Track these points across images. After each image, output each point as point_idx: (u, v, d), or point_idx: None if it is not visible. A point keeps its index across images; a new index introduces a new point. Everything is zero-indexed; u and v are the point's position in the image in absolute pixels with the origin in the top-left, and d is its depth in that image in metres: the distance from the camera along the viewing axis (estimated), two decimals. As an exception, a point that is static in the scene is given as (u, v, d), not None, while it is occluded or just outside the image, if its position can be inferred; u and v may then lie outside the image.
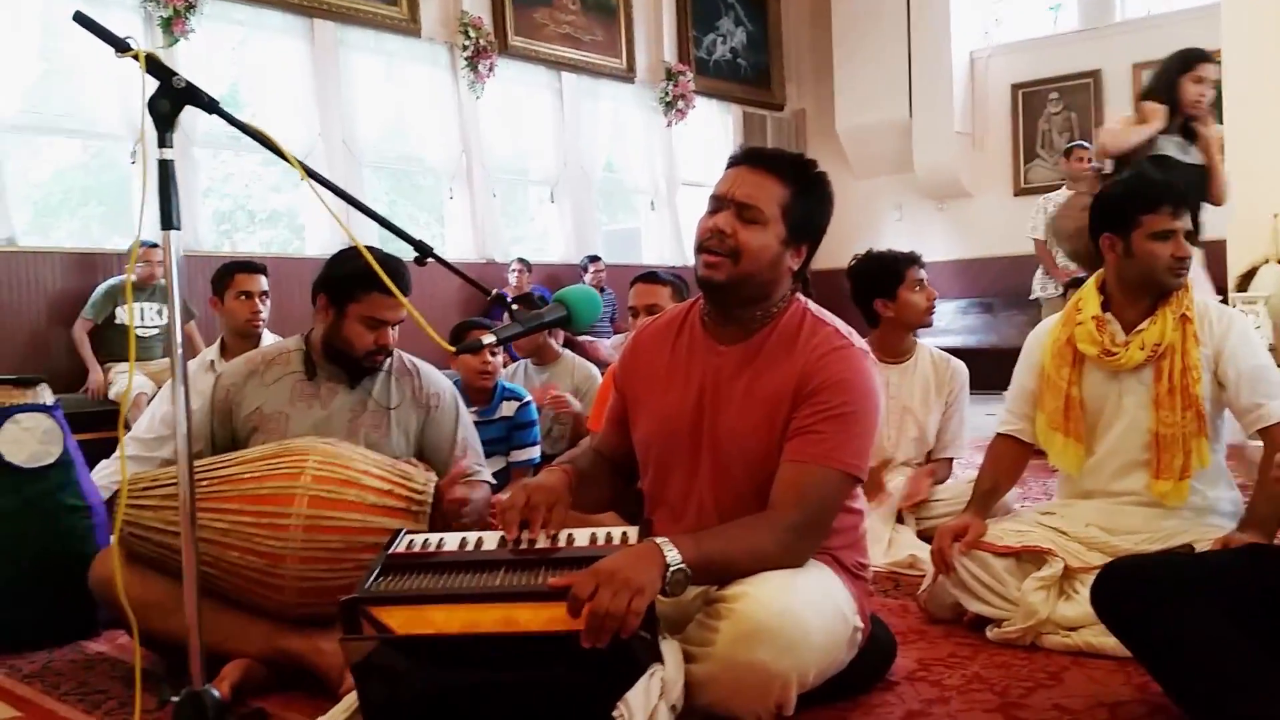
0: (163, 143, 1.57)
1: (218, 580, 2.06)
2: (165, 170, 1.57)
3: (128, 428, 3.42)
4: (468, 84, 7.25)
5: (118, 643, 2.44)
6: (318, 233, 6.57)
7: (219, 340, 3.56)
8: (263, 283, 3.59)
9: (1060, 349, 2.30)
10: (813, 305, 1.87)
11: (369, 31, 6.82)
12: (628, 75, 8.41)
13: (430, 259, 1.67)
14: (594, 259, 7.53)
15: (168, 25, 5.66)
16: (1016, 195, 8.62)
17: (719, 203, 1.79)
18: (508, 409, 3.50)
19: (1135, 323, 2.24)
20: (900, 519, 2.97)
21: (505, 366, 3.89)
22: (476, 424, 3.40)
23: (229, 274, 3.57)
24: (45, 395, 2.54)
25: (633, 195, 9.06)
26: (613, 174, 8.79)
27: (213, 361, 3.41)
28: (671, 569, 1.52)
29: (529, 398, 3.57)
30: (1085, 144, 6.72)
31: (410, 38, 7.02)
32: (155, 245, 5.40)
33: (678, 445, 1.84)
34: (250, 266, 3.63)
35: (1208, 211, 3.86)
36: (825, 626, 1.60)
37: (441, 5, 7.19)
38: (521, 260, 7.11)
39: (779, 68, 9.68)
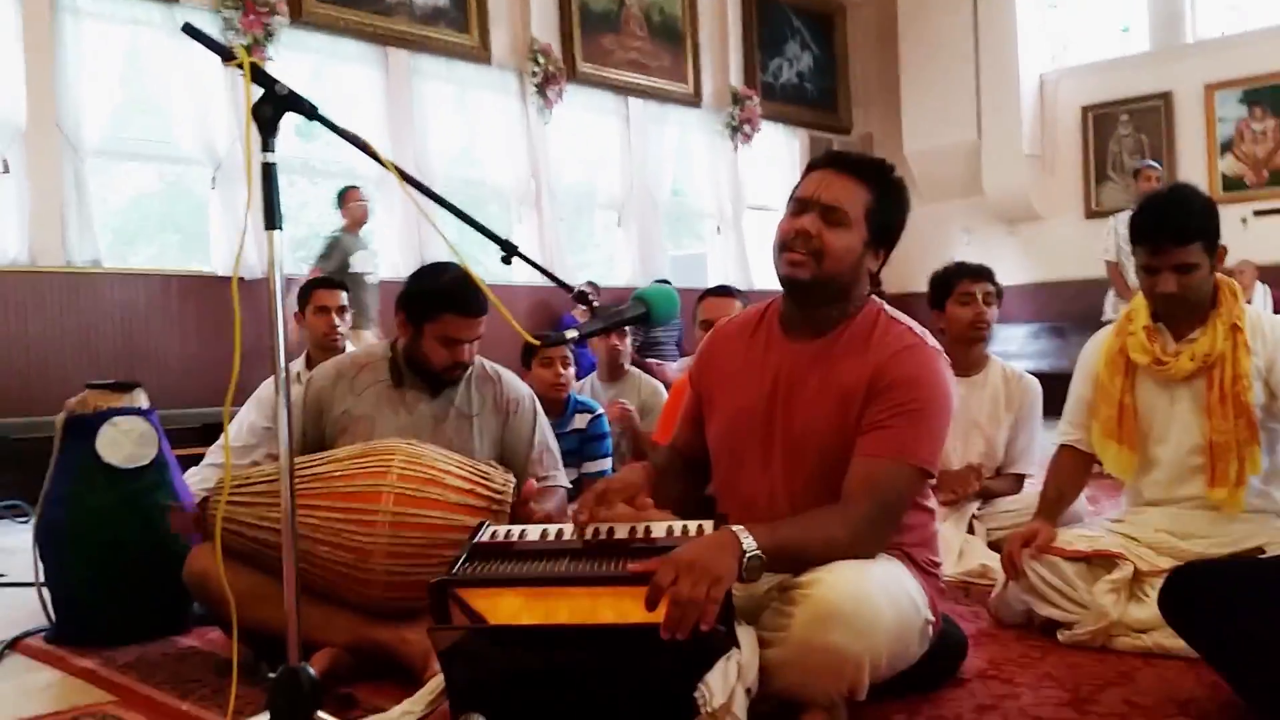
0: (266, 147, 1.64)
1: (307, 574, 2.13)
2: (269, 173, 1.65)
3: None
4: (536, 110, 7.41)
5: (208, 637, 2.52)
6: (388, 256, 6.75)
7: (304, 354, 3.71)
8: (341, 298, 3.74)
9: (1113, 358, 2.34)
10: (888, 306, 1.90)
11: (441, 59, 7.02)
12: (694, 100, 8.52)
13: (515, 256, 1.73)
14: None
15: (247, 52, 5.90)
16: (1088, 218, 8.53)
17: (803, 205, 1.83)
18: (580, 421, 3.56)
19: (1186, 333, 2.26)
20: (971, 529, 2.96)
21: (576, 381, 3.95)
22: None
23: (309, 291, 3.76)
24: (141, 399, 2.65)
25: (698, 220, 9.13)
26: (679, 198, 8.88)
27: (299, 374, 3.52)
28: (748, 555, 1.56)
29: (601, 410, 3.62)
30: (1154, 164, 6.67)
31: (481, 65, 7.21)
32: (357, 187, 5.68)
33: (751, 438, 1.87)
34: (328, 283, 3.81)
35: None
36: (897, 613, 1.63)
37: (512, 33, 7.38)
38: (591, 283, 7.20)
39: (845, 91, 9.71)
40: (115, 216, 7.36)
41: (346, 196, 6.18)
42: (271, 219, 1.66)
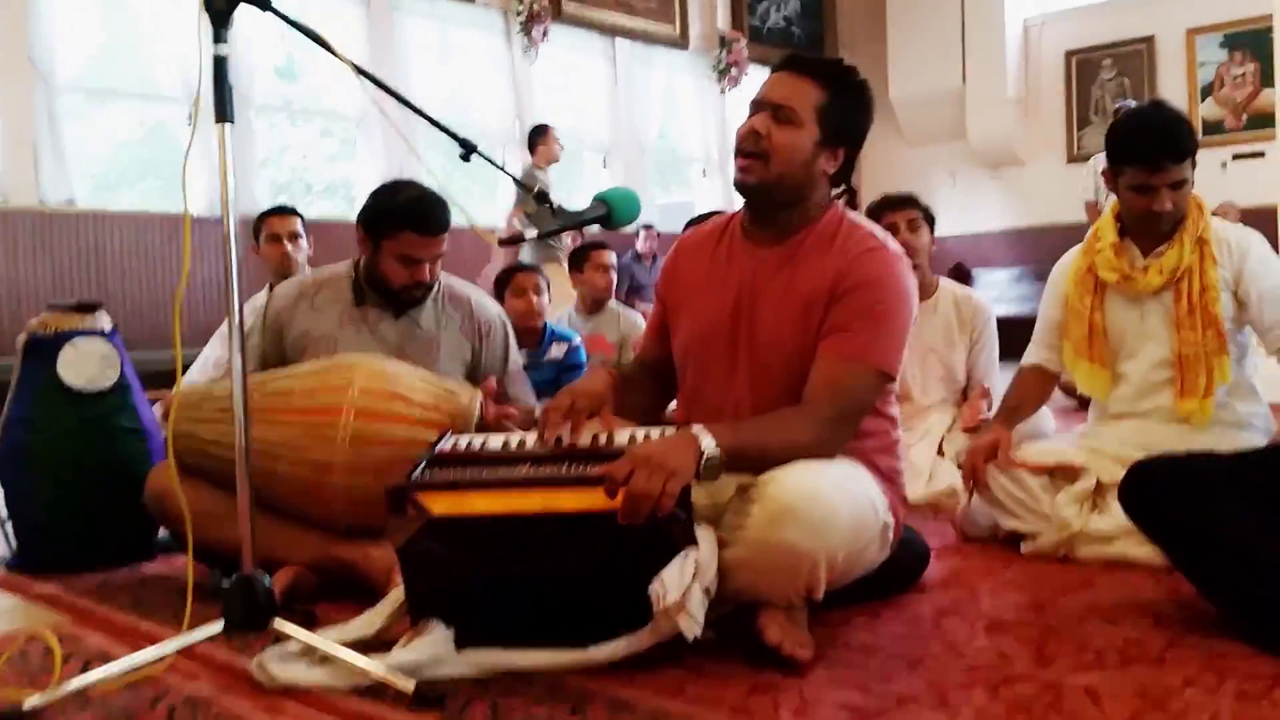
0: (218, 38, 1.61)
1: (269, 492, 2.11)
2: (220, 66, 1.61)
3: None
4: (521, 49, 7.31)
5: (174, 564, 2.50)
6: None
7: (267, 285, 3.62)
8: (294, 224, 3.64)
9: (1082, 277, 2.34)
10: (851, 213, 1.88)
11: (423, -4, 6.89)
12: (681, 42, 8.41)
13: (475, 154, 1.69)
14: (647, 226, 7.54)
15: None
16: (1069, 162, 8.51)
17: (756, 107, 1.83)
18: (557, 351, 3.54)
19: (1153, 247, 2.25)
20: (940, 451, 2.96)
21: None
22: (526, 367, 3.46)
23: (261, 219, 3.65)
24: (104, 321, 2.60)
25: (686, 165, 9.06)
26: (665, 142, 8.79)
27: (260, 306, 3.48)
28: (706, 454, 1.55)
29: (578, 340, 3.61)
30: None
31: (464, 2, 7.09)
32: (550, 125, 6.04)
33: (716, 347, 1.86)
34: (280, 210, 3.69)
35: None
36: (853, 511, 1.62)
37: (496, -31, 7.26)
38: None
39: (832, 35, 9.62)
40: (96, 163, 7.25)
41: (546, 135, 6.33)
42: (222, 112, 1.63)
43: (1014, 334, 3.21)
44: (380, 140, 6.52)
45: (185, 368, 4.66)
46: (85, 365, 2.54)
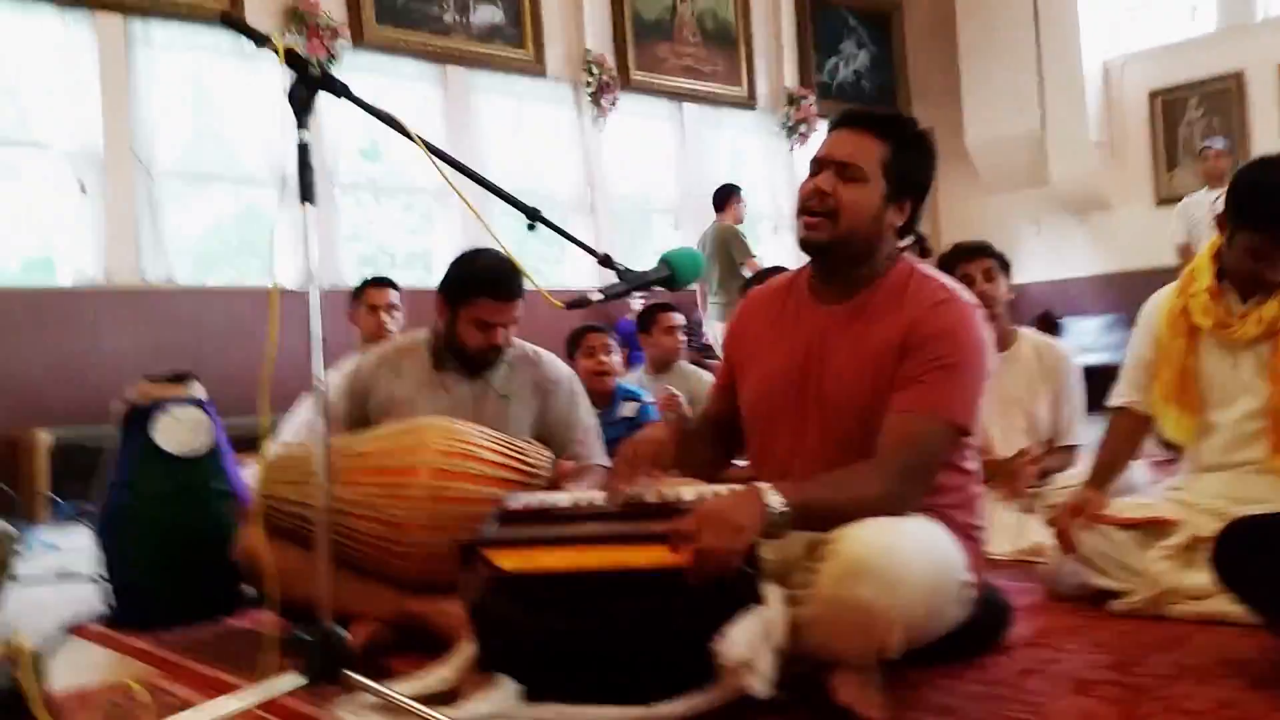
0: (301, 125, 1.69)
1: (348, 549, 2.16)
2: (304, 151, 1.70)
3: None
4: (591, 119, 7.48)
5: (257, 618, 2.57)
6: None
7: (358, 353, 3.74)
8: (390, 296, 3.76)
9: (1175, 319, 2.25)
10: (920, 264, 1.87)
11: (498, 75, 7.13)
12: (749, 102, 8.50)
13: (540, 223, 1.74)
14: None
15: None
16: (1159, 205, 8.26)
17: (819, 165, 1.83)
18: (628, 410, 3.57)
19: (1252, 293, 2.16)
20: (1029, 508, 2.87)
21: (624, 374, 3.97)
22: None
23: (361, 289, 3.77)
24: (197, 390, 2.73)
25: (756, 222, 9.08)
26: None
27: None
28: (772, 510, 1.54)
29: (649, 398, 3.63)
30: (1217, 141, 6.61)
31: (536, 78, 7.30)
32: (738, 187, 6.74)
33: (784, 403, 1.85)
34: (378, 281, 3.80)
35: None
36: (929, 569, 1.58)
37: (566, 45, 7.46)
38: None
39: (904, 86, 9.60)
40: (193, 243, 7.62)
41: (734, 196, 6.90)
42: (306, 193, 1.71)
43: (1105, 383, 3.08)
44: (457, 213, 6.71)
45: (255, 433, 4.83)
46: (180, 432, 2.65)
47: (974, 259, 3.05)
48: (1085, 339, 7.91)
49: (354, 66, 6.36)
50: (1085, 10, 8.49)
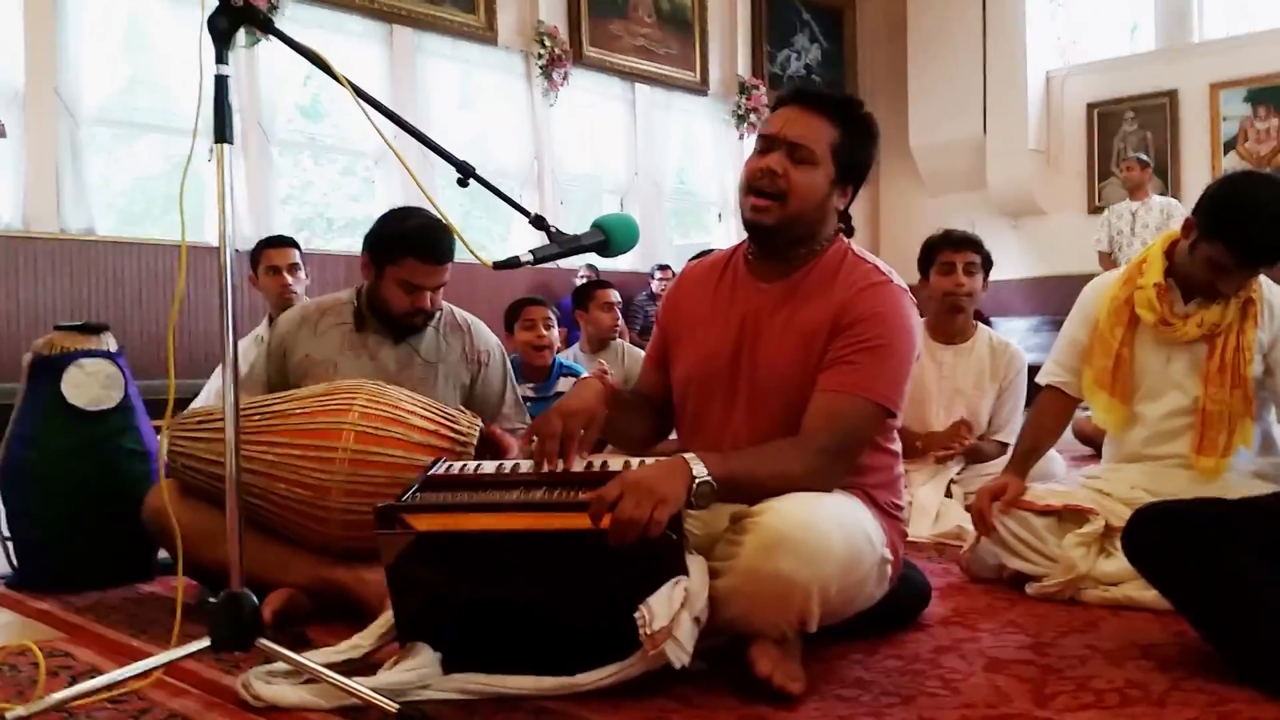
0: (220, 59, 1.63)
1: (266, 512, 2.11)
2: (221, 85, 1.63)
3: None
4: (541, 92, 7.39)
5: (172, 584, 2.49)
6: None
7: (267, 316, 3.61)
8: (293, 256, 3.59)
9: (1117, 308, 2.27)
10: (855, 246, 1.87)
11: (446, 39, 7.00)
12: (701, 88, 8.49)
13: (472, 179, 1.69)
14: (663, 266, 7.56)
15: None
16: (1090, 213, 8.49)
17: (770, 143, 1.79)
18: (564, 385, 3.55)
19: (1198, 293, 2.18)
20: (949, 493, 2.92)
21: (563, 350, 3.95)
22: (533, 400, 3.47)
23: (259, 250, 3.61)
24: (109, 342, 2.62)
25: (704, 209, 9.10)
26: (684, 185, 8.84)
27: (261, 337, 3.47)
28: (698, 481, 1.53)
29: (585, 374, 3.60)
30: (1140, 156, 6.96)
31: (486, 45, 7.19)
32: None
33: (716, 380, 1.85)
34: (278, 241, 3.64)
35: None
36: (848, 543, 1.59)
37: (518, 14, 7.36)
38: (590, 266, 7.18)
39: (853, 84, 9.68)
40: (122, 195, 7.37)
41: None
42: (222, 132, 1.64)
43: (1033, 382, 3.16)
44: (398, 179, 6.58)
45: (187, 392, 4.71)
46: (89, 385, 2.55)
47: (960, 250, 3.07)
48: (1012, 339, 8.01)
49: (295, 19, 6.20)
50: (1032, 21, 8.66)
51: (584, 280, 7.11)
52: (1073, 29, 9.13)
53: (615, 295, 4.03)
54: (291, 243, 3.67)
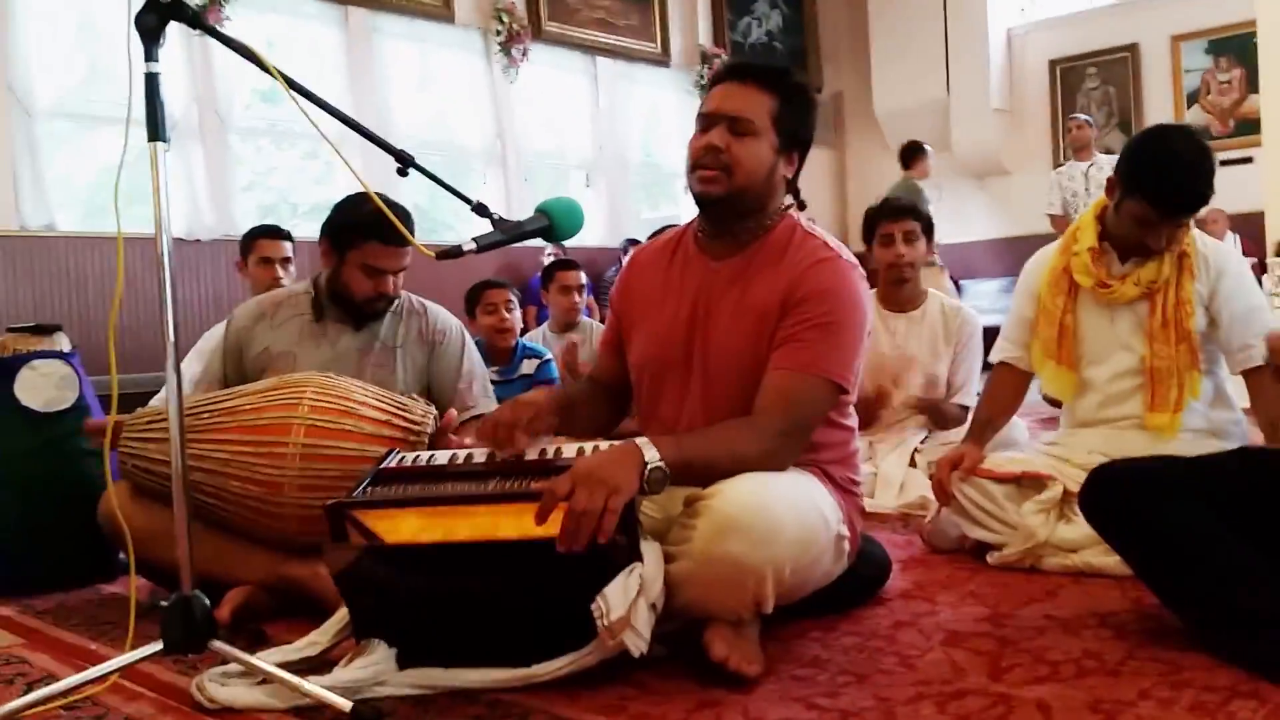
0: (149, 56, 1.59)
1: (221, 510, 2.09)
2: (152, 83, 1.60)
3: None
4: (501, 69, 7.30)
5: (139, 584, 2.47)
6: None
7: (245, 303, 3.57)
8: (285, 249, 3.56)
9: (1057, 277, 2.30)
10: (804, 220, 1.86)
11: (402, 18, 6.89)
12: (663, 59, 8.42)
13: (412, 168, 1.67)
14: (633, 242, 7.52)
15: (202, 11, 5.77)
16: (1055, 170, 8.48)
17: (709, 120, 1.79)
18: (528, 367, 3.53)
19: (1133, 255, 2.20)
20: (913, 463, 2.93)
21: (527, 332, 3.92)
22: (498, 383, 3.44)
23: (252, 239, 3.57)
24: (62, 343, 2.59)
25: (671, 181, 9.05)
26: (650, 158, 8.79)
27: None
28: (650, 467, 1.52)
29: (549, 355, 3.59)
30: (1078, 115, 7.03)
31: (444, 24, 7.08)
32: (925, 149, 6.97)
33: (671, 361, 1.84)
34: (274, 232, 3.61)
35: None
36: (801, 523, 1.58)
37: (475, -9, 7.26)
38: (559, 244, 7.13)
39: (815, 50, 9.62)
40: (80, 189, 7.25)
41: (919, 154, 7.10)
42: (155, 131, 1.61)
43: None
44: (361, 164, 6.49)
45: (151, 385, 4.64)
46: (43, 387, 2.52)
47: (898, 219, 3.07)
48: (983, 301, 8.11)
49: (249, 4, 6.09)
50: (992, -22, 8.63)
51: (551, 259, 7.07)
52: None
53: (577, 278, 4.00)
54: (286, 235, 3.62)
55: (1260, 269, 5.69)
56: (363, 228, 2.30)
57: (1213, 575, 1.54)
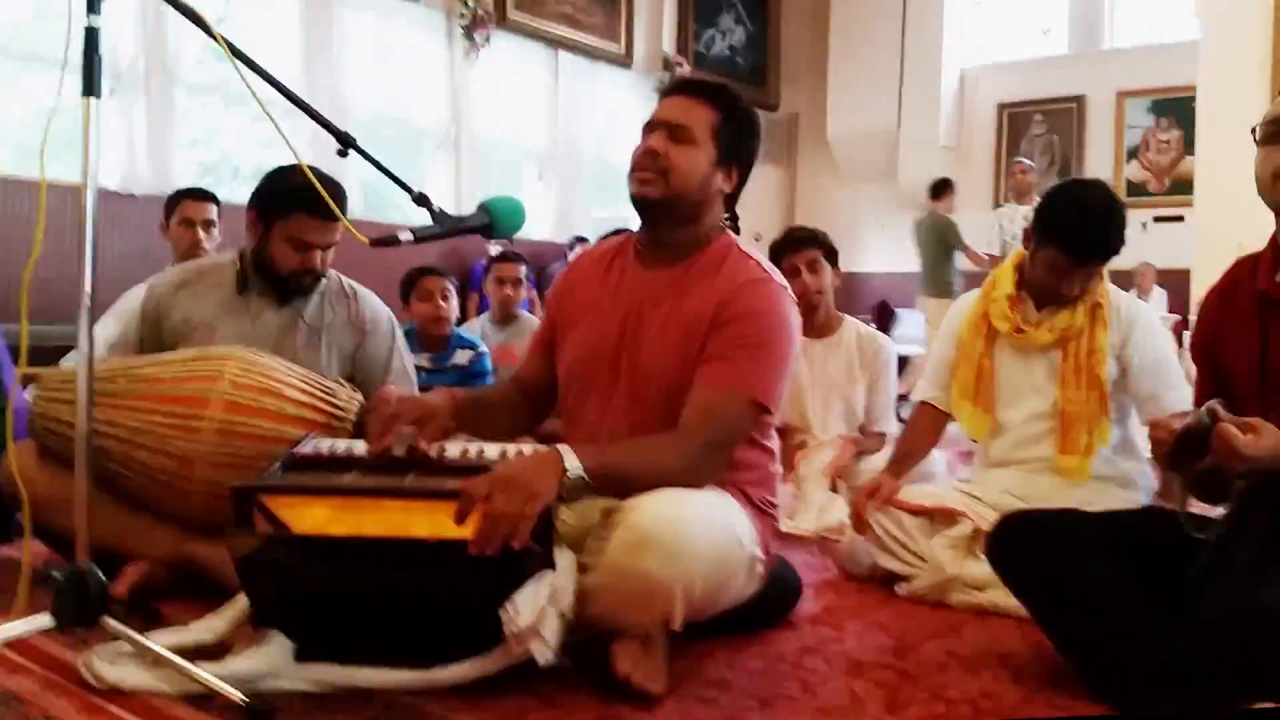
0: (92, 8, 1.54)
1: (126, 480, 2.02)
2: (92, 37, 1.55)
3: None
4: (462, 53, 7.22)
5: (33, 549, 2.38)
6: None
7: (167, 269, 3.47)
8: (209, 211, 3.45)
9: (976, 321, 2.38)
10: (741, 242, 1.87)
11: (364, -9, 6.78)
12: (625, 61, 8.41)
13: (352, 150, 1.64)
14: (581, 239, 7.49)
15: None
16: (996, 210, 8.67)
17: (652, 126, 1.84)
18: (461, 358, 3.49)
19: (1048, 303, 2.29)
20: (834, 488, 2.96)
21: (465, 320, 3.88)
22: (430, 372, 3.40)
23: (176, 200, 3.46)
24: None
25: (623, 182, 8.97)
26: (604, 158, 8.77)
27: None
28: (570, 475, 1.51)
29: (484, 348, 3.56)
30: (1025, 160, 7.13)
31: (406, 0, 6.98)
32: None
33: (599, 369, 1.83)
34: (198, 193, 3.50)
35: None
36: (714, 542, 1.58)
37: (440, -32, 7.17)
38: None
39: (775, 69, 9.70)
40: (19, 131, 7.00)
41: (948, 188, 7.19)
42: (90, 86, 1.56)
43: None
44: (308, 130, 6.37)
45: (67, 339, 4.49)
46: (-52, 336, 2.41)
47: (799, 250, 3.10)
48: (916, 330, 8.24)
49: (205, -36, 5.94)
50: (950, 19, 8.81)
51: (497, 249, 7.01)
52: (988, 27, 9.31)
53: (516, 270, 3.97)
54: (211, 197, 3.50)
55: (1184, 325, 5.88)
56: (291, 198, 2.22)
57: (1105, 629, 1.58)
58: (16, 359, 2.56)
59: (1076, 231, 2.18)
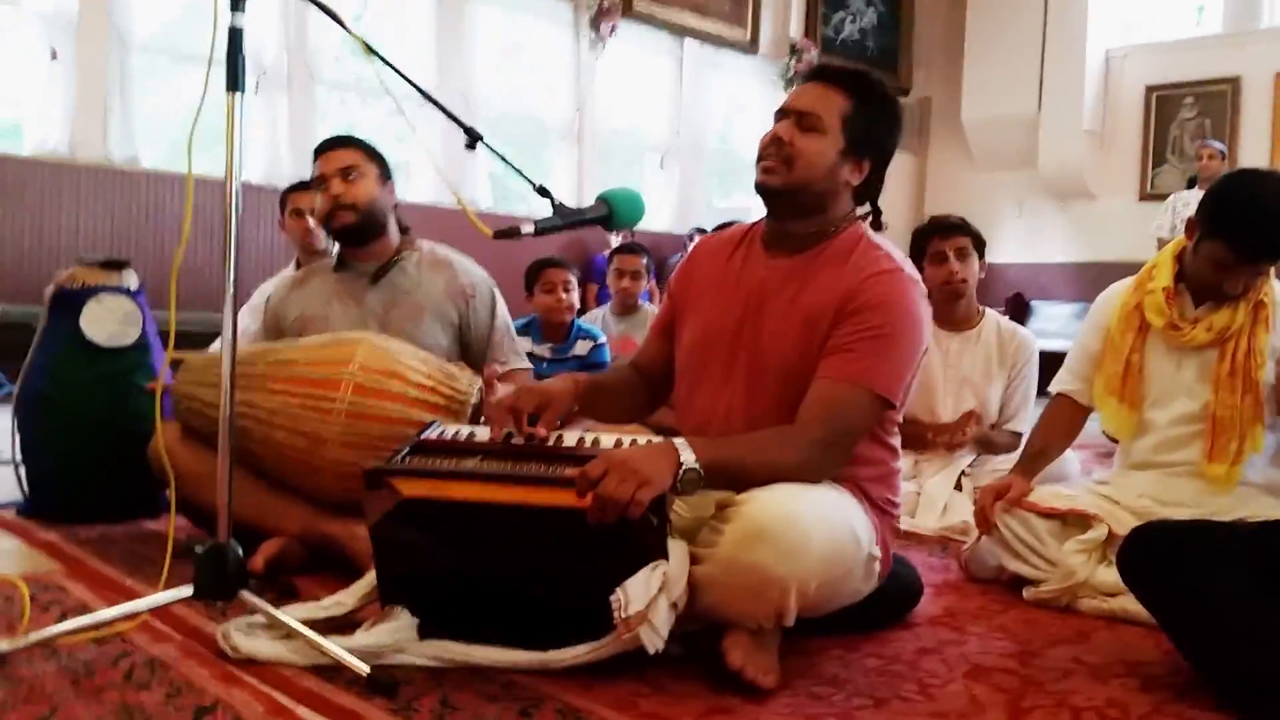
0: (235, 6, 1.61)
1: (263, 460, 2.12)
2: (235, 36, 1.62)
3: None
4: (589, 44, 7.30)
5: (179, 524, 2.53)
6: (424, 181, 6.73)
7: (294, 261, 3.57)
8: (317, 202, 3.56)
9: (1128, 314, 2.23)
10: (872, 233, 1.82)
11: (494, -15, 6.93)
12: (751, 47, 8.35)
13: (479, 142, 1.67)
14: (701, 230, 7.48)
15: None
16: (1141, 200, 8.28)
17: (781, 115, 1.80)
18: (581, 348, 3.53)
19: (1207, 299, 2.15)
20: (959, 485, 2.88)
21: (585, 311, 3.93)
22: (550, 361, 3.46)
23: (286, 195, 3.58)
24: (130, 279, 2.64)
25: (744, 170, 8.96)
26: (726, 146, 8.73)
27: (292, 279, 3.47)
28: (684, 468, 1.51)
29: (603, 339, 3.59)
30: (1216, 143, 6.54)
31: (535, -6, 7.11)
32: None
33: (717, 354, 1.82)
34: (303, 185, 3.61)
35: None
36: (831, 539, 1.55)
37: (568, -38, 7.26)
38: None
39: (908, 52, 9.47)
40: (171, 128, 7.42)
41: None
42: (233, 82, 1.63)
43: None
44: (440, 121, 6.55)
45: (212, 326, 4.72)
46: (107, 321, 2.58)
47: (950, 236, 3.00)
48: (1053, 324, 7.94)
49: (344, -35, 6.16)
50: (1095, -1, 8.39)
51: (619, 240, 7.06)
52: (1136, 8, 8.84)
53: (636, 262, 3.98)
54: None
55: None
56: (316, 152, 2.48)
57: (1242, 644, 1.49)
58: (167, 346, 2.73)
59: (1248, 226, 2.02)
